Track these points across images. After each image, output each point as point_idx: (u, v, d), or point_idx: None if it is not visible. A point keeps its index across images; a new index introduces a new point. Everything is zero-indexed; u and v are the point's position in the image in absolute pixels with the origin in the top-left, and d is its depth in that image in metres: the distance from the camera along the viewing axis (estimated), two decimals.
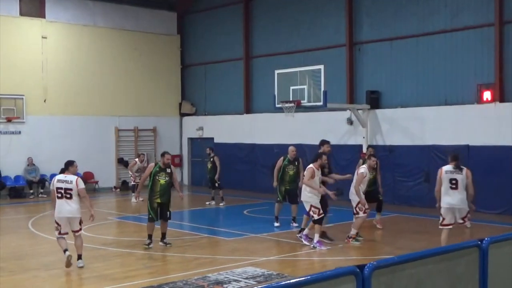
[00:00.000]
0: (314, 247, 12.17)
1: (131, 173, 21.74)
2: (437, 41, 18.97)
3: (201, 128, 26.79)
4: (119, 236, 14.59)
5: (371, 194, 14.24)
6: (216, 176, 19.20)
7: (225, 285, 9.30)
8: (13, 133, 22.89)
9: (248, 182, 23.23)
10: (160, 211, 12.61)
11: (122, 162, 25.56)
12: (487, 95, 17.61)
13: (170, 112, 27.46)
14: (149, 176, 12.63)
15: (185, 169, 27.71)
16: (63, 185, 10.66)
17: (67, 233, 10.80)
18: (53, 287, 9.91)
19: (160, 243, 12.66)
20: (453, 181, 11.06)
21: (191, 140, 27.62)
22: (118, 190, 25.01)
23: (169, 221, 12.80)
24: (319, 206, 12.29)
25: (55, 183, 10.71)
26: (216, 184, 19.35)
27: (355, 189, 12.77)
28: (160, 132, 26.95)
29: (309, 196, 12.39)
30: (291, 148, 15.22)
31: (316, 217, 12.23)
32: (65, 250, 10.52)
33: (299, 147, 22.18)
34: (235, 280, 9.61)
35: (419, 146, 18.82)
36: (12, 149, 22.38)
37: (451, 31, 18.59)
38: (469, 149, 17.76)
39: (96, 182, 24.73)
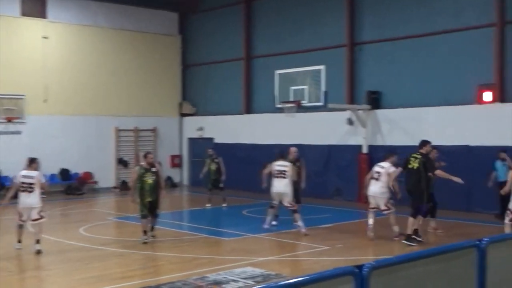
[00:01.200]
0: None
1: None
2: (438, 42, 18.95)
3: (201, 128, 26.77)
4: (118, 236, 14.58)
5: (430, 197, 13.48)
6: (223, 177, 19.10)
7: (223, 285, 9.27)
8: (13, 133, 22.87)
9: (248, 183, 23.19)
10: (150, 209, 13.12)
11: (121, 162, 25.55)
12: (487, 95, 17.59)
13: (170, 112, 27.44)
14: (137, 178, 13.07)
15: (185, 169, 27.69)
16: (27, 180, 11.94)
17: (25, 221, 12.11)
18: (51, 287, 9.89)
19: (149, 234, 13.20)
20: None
21: (191, 140, 27.60)
22: (118, 190, 24.99)
23: (169, 221, 12.91)
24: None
25: (20, 178, 12.01)
26: (221, 185, 19.20)
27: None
28: (160, 132, 26.93)
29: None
30: (292, 149, 15.22)
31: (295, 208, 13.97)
32: (18, 241, 12.02)
33: (299, 147, 22.17)
34: (233, 280, 9.59)
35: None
36: (12, 149, 22.34)
37: (452, 31, 18.58)
38: (469, 149, 17.74)
39: (96, 182, 24.72)
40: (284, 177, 13.97)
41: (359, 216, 17.45)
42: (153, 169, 13.09)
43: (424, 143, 12.98)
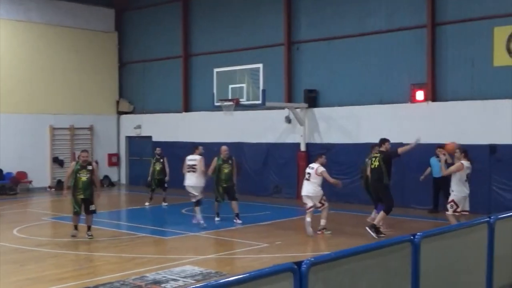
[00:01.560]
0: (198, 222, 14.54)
1: None
2: (373, 42, 19.40)
3: (139, 127, 26.48)
4: (54, 237, 14.27)
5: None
6: (167, 178, 18.97)
7: (163, 285, 9.24)
8: None
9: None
10: (83, 206, 13.32)
11: (57, 161, 24.99)
12: (419, 94, 18.13)
13: (108, 110, 27.01)
14: (71, 174, 13.34)
15: (122, 168, 27.32)
16: None
17: None
18: None
19: (87, 234, 13.22)
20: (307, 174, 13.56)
21: (129, 139, 27.25)
22: (53, 190, 24.41)
23: (107, 220, 12.78)
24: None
25: None
26: (165, 185, 19.08)
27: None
28: (97, 130, 26.46)
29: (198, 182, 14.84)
30: (223, 148, 15.88)
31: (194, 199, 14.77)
32: None
33: (238, 145, 22.30)
34: (173, 280, 9.56)
35: (356, 144, 19.18)
36: None
37: (386, 31, 19.05)
38: (437, 147, 18.21)
39: (30, 182, 24.08)
40: (194, 171, 14.83)
41: (298, 213, 17.67)
42: (89, 167, 13.33)
43: (383, 141, 13.61)
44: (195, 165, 14.90)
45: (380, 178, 13.21)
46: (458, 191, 12.16)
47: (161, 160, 19.03)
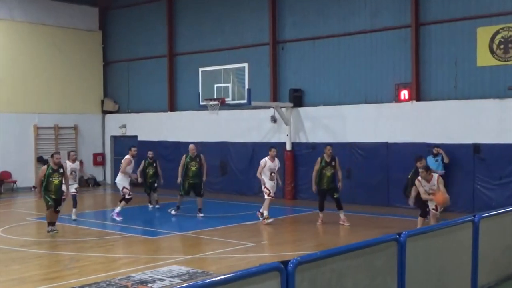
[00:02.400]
0: (112, 216, 15.79)
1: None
2: (357, 41, 19.48)
3: (124, 126, 26.38)
4: (39, 237, 14.16)
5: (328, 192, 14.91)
6: (161, 181, 18.54)
7: (149, 285, 9.23)
8: None
9: (172, 181, 23.00)
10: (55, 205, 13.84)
11: (41, 161, 24.81)
12: (404, 94, 18.25)
13: (92, 109, 26.88)
14: (43, 177, 13.62)
15: (107, 167, 27.21)
16: None
17: None
18: None
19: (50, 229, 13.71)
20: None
21: (114, 138, 27.14)
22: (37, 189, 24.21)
23: (92, 220, 12.87)
24: (129, 188, 15.92)
25: None
26: (155, 186, 18.52)
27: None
28: (82, 130, 26.33)
29: (120, 179, 16.14)
30: (191, 146, 16.84)
31: (126, 196, 15.80)
32: None
33: (223, 144, 22.31)
34: (159, 279, 9.55)
35: (341, 143, 19.25)
36: None
37: (371, 31, 19.14)
38: (388, 146, 18.35)
39: (14, 182, 23.91)
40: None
41: (285, 212, 17.73)
42: (61, 170, 13.71)
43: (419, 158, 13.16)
44: (120, 163, 16.42)
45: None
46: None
47: (154, 164, 18.47)
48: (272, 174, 15.52)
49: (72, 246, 12.49)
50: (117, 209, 15.95)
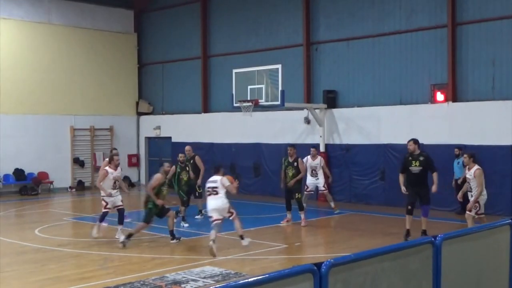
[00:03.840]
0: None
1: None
2: (392, 42, 19.29)
3: (158, 127, 26.61)
4: (75, 237, 14.39)
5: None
6: (199, 181, 16.22)
7: (183, 285, 9.27)
8: None
9: (205, 181, 23.18)
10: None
11: (77, 162, 25.21)
12: (440, 95, 17.99)
13: (127, 111, 27.18)
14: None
15: (142, 168, 27.49)
16: None
17: None
18: None
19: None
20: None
21: (149, 140, 27.40)
22: (74, 190, 24.63)
23: (125, 221, 13.22)
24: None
25: None
26: (197, 193, 16.41)
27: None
28: (117, 131, 26.65)
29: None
30: (187, 147, 16.79)
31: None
32: None
33: (256, 146, 22.31)
34: (193, 280, 9.59)
35: (375, 144, 19.10)
36: None
37: (406, 32, 18.93)
38: (423, 147, 18.10)
39: (51, 182, 24.31)
40: None
41: (318, 214, 17.65)
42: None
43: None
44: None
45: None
46: (484, 194, 12.14)
47: (187, 168, 16.09)
48: (314, 171, 16.69)
49: (107, 246, 12.62)
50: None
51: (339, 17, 20.69)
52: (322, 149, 20.50)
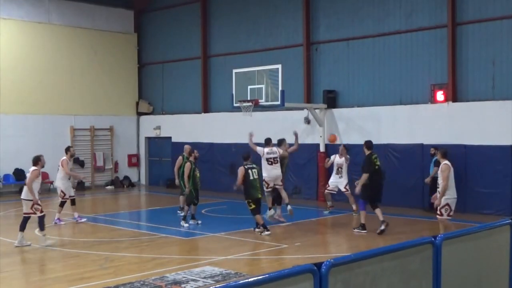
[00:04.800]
0: (55, 223, 15.53)
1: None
2: (392, 42, 19.29)
3: (158, 127, 26.61)
4: (75, 237, 14.38)
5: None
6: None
7: (183, 285, 9.27)
8: None
9: (206, 182, 23.17)
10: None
11: (78, 162, 25.19)
12: (440, 95, 17.99)
13: (127, 111, 27.18)
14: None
15: (142, 168, 27.49)
16: None
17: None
18: None
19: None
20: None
21: (149, 140, 27.41)
22: (74, 190, 24.55)
23: (127, 221, 12.98)
24: (66, 192, 16.06)
25: None
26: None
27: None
28: (117, 131, 26.65)
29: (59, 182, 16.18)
30: (186, 147, 16.80)
31: (60, 199, 15.95)
32: None
33: (257, 146, 22.25)
34: (193, 280, 9.59)
35: (375, 145, 19.00)
36: None
37: (406, 32, 18.92)
38: (423, 148, 18.11)
39: (51, 182, 24.28)
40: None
41: (318, 214, 17.65)
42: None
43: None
44: (58, 165, 16.33)
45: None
46: (451, 194, 11.70)
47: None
48: (339, 169, 17.15)
49: (107, 246, 12.63)
50: (57, 215, 15.92)
51: (339, 17, 20.68)
52: (322, 149, 20.51)
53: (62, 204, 15.98)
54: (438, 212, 11.75)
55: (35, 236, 13.27)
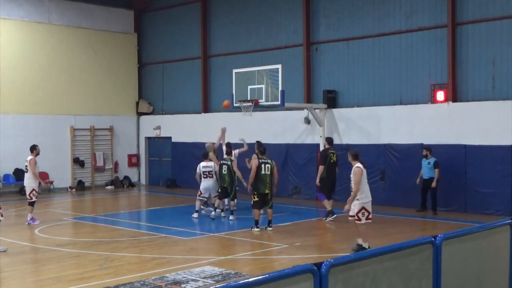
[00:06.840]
0: (29, 224, 15.34)
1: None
2: (392, 42, 19.28)
3: (158, 127, 26.61)
4: (75, 237, 14.39)
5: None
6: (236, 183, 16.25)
7: (183, 285, 9.27)
8: None
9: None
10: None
11: (78, 162, 25.20)
12: (440, 95, 17.98)
13: (127, 111, 27.18)
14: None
15: (142, 168, 27.48)
16: None
17: None
18: None
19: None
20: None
21: (149, 140, 27.41)
22: (74, 190, 24.63)
23: (127, 221, 12.93)
24: (38, 191, 16.01)
25: None
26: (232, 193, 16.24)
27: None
28: (117, 131, 26.64)
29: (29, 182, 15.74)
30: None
31: (34, 199, 15.61)
32: None
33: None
34: (193, 280, 9.59)
35: (375, 145, 19.09)
36: None
37: (406, 32, 18.92)
38: (423, 147, 18.10)
39: (51, 182, 24.30)
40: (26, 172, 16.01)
41: (318, 214, 17.65)
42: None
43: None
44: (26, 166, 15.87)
45: None
46: (365, 197, 11.54)
47: (228, 163, 16.22)
48: None
49: (107, 246, 12.63)
50: (29, 215, 15.71)
51: (339, 17, 20.68)
52: (322, 149, 20.49)
53: (32, 204, 15.72)
54: (356, 217, 11.51)
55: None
